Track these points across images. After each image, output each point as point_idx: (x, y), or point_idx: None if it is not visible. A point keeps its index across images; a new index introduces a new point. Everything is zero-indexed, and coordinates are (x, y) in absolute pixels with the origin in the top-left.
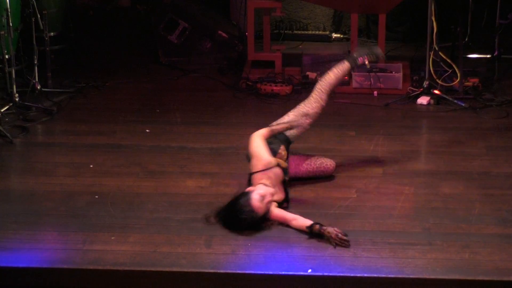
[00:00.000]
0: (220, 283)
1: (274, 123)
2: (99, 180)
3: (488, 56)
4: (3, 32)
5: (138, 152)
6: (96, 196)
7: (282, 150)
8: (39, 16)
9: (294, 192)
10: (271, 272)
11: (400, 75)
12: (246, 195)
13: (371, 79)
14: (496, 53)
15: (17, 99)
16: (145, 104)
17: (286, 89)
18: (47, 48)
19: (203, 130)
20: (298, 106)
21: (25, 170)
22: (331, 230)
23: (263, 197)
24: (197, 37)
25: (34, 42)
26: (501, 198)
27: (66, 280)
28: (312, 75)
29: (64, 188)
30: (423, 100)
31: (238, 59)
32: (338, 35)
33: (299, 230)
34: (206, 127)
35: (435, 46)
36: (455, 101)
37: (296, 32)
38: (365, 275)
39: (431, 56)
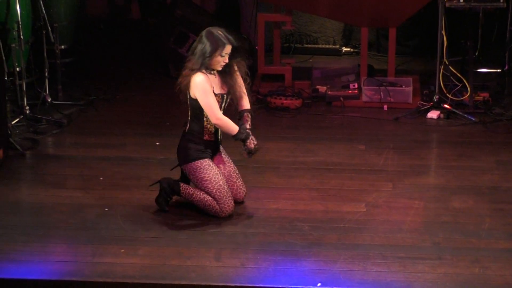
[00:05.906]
0: None
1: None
2: (109, 193)
3: (499, 70)
4: (14, 45)
5: (148, 165)
6: (106, 209)
7: None
8: (50, 29)
9: (303, 206)
10: (280, 286)
11: (410, 89)
12: None
13: (381, 93)
14: (506, 67)
15: (27, 112)
16: (155, 117)
17: (296, 102)
18: (58, 61)
19: None
20: None
21: (35, 182)
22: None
23: None
24: None
25: (45, 55)
26: (511, 213)
27: None
28: (322, 88)
29: (74, 200)
30: (433, 114)
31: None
32: (348, 49)
33: None
34: None
35: (445, 60)
36: (465, 115)
37: (306, 45)
38: None
39: (441, 70)
